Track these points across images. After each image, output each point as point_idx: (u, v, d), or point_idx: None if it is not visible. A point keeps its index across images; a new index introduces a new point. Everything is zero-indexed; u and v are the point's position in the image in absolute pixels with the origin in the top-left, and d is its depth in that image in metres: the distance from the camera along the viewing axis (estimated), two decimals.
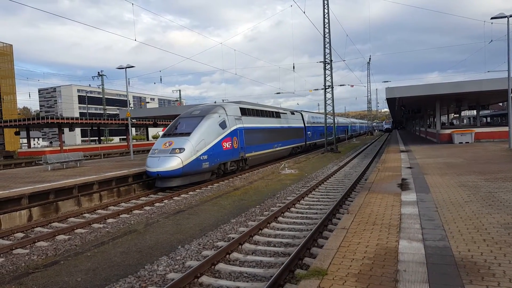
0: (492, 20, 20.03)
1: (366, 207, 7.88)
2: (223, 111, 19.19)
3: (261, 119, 24.17)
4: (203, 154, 16.42)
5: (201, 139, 16.54)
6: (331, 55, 33.94)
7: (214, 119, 18.07)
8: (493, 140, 26.33)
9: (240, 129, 20.11)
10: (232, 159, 19.17)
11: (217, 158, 17.53)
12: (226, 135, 18.42)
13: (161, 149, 16.04)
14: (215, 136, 17.51)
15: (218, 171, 18.26)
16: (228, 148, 18.50)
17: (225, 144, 18.16)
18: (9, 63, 60.96)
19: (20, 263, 7.74)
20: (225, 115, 19.10)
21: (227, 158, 18.62)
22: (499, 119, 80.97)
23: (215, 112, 18.64)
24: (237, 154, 19.62)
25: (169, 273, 6.67)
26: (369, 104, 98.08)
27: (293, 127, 30.92)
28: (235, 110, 20.71)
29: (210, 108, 19.31)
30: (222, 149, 17.92)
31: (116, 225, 10.55)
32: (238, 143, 19.59)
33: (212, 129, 17.56)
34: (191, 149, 15.81)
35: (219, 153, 17.65)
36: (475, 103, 36.37)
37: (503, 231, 5.69)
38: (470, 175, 11.39)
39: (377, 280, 4.23)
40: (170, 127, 18.10)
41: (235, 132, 19.37)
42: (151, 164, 15.40)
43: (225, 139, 18.22)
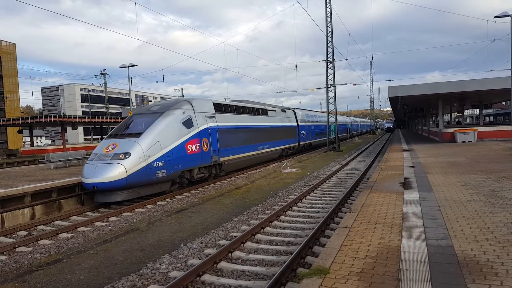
0: (495, 19, 19.94)
1: (368, 206, 7.87)
2: (189, 107, 15.90)
3: (242, 116, 21.10)
4: (158, 159, 13.21)
5: (156, 141, 13.31)
6: (334, 54, 33.91)
7: (176, 117, 14.81)
8: (496, 139, 26.22)
9: (212, 128, 17.01)
10: (201, 164, 16.05)
11: (178, 164, 14.33)
12: (192, 136, 15.26)
13: (101, 154, 12.87)
14: (176, 137, 14.33)
15: (181, 180, 15.13)
16: (195, 152, 15.32)
17: (190, 147, 15.01)
18: (12, 61, 61.16)
19: (23, 261, 7.78)
20: (192, 112, 15.86)
21: (194, 163, 15.41)
22: (502, 118, 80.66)
23: (178, 108, 15.36)
24: (207, 158, 16.44)
25: (172, 271, 6.69)
26: (372, 103, 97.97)
27: (284, 126, 27.96)
28: (206, 106, 17.50)
29: (172, 103, 16.03)
30: (186, 153, 14.74)
31: (118, 224, 10.58)
32: (209, 146, 16.48)
33: (172, 128, 14.34)
34: (140, 154, 12.61)
35: (181, 158, 14.44)
36: (478, 102, 36.25)
37: (506, 230, 5.67)
38: (473, 174, 11.35)
39: (380, 279, 4.22)
40: (120, 126, 14.80)
41: (205, 132, 16.26)
42: (86, 173, 12.27)
43: (190, 140, 15.05)
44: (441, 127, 29.05)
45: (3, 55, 59.80)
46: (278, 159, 26.90)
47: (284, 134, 27.80)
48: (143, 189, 13.16)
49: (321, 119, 40.05)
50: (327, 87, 35.08)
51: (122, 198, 12.56)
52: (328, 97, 35.39)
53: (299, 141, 31.59)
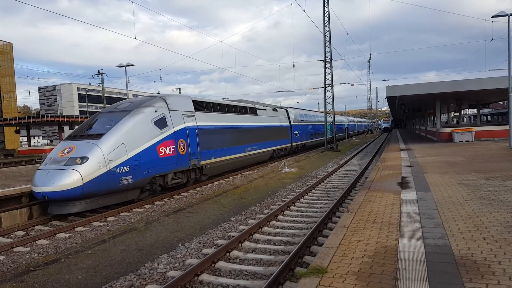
0: (493, 19, 20.01)
1: (366, 206, 7.89)
2: (162, 105, 14.23)
3: (227, 116, 19.42)
4: (122, 164, 11.62)
5: (120, 143, 11.70)
6: (331, 53, 33.96)
7: (146, 115, 13.13)
8: (494, 138, 26.32)
9: (191, 128, 15.34)
10: (177, 169, 14.43)
11: (148, 169, 12.67)
12: (166, 137, 13.58)
13: (55, 159, 11.26)
14: (145, 138, 12.67)
15: (152, 187, 13.50)
16: (169, 155, 13.67)
17: (163, 150, 13.36)
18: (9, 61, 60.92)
19: (21, 261, 7.76)
20: (166, 110, 14.16)
21: (168, 168, 13.78)
22: (500, 117, 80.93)
23: (149, 105, 13.66)
24: (185, 162, 14.79)
25: (170, 271, 6.69)
26: (369, 103, 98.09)
27: (275, 126, 26.32)
28: (183, 103, 15.75)
29: (143, 100, 14.29)
30: (158, 157, 13.10)
31: (116, 223, 10.57)
32: (187, 148, 14.81)
33: (140, 128, 12.67)
34: (99, 158, 11.04)
35: (151, 162, 12.77)
36: (475, 102, 36.36)
37: (503, 230, 5.70)
38: (470, 173, 11.39)
39: (377, 278, 4.24)
40: (82, 126, 13.29)
41: (182, 133, 14.60)
42: (37, 180, 10.77)
43: (163, 142, 13.39)
44: (439, 126, 29.13)
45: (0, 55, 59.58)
46: (269, 161, 25.53)
47: (275, 135, 26.23)
48: (104, 198, 11.60)
49: (316, 119, 39.13)
50: (325, 86, 35.12)
51: (79, 209, 10.99)
52: (326, 97, 35.44)
53: (292, 142, 30.00)
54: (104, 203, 11.73)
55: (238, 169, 20.98)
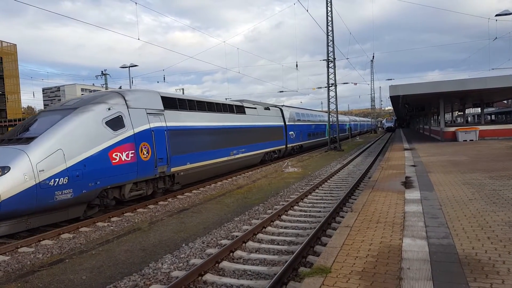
0: (497, 18, 19.92)
1: (369, 205, 7.88)
2: (119, 101, 11.98)
3: (207, 115, 17.09)
4: (58, 175, 9.50)
5: (56, 148, 9.64)
6: (334, 53, 33.93)
7: (95, 114, 11.00)
8: (498, 138, 26.18)
9: (159, 130, 13.16)
10: (138, 178, 12.16)
11: (96, 179, 10.53)
12: (123, 141, 11.44)
13: None
14: (92, 142, 10.57)
15: (103, 202, 11.27)
16: (127, 162, 11.52)
17: (118, 156, 11.22)
18: (13, 62, 61.24)
19: (26, 261, 7.80)
20: (124, 108, 11.96)
21: (124, 178, 11.56)
22: (504, 116, 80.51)
23: (101, 102, 11.53)
24: (149, 169, 12.58)
25: (174, 271, 6.70)
26: (373, 102, 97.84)
27: (266, 126, 24.10)
28: (148, 100, 13.39)
29: (95, 96, 12.20)
30: (111, 164, 10.97)
31: (120, 224, 10.60)
32: (152, 153, 12.62)
33: (86, 130, 10.56)
34: (25, 168, 8.97)
35: (101, 171, 10.67)
36: (479, 101, 36.19)
37: (507, 229, 5.67)
38: (475, 173, 11.34)
39: (381, 277, 4.23)
40: (16, 128, 11.37)
41: (145, 135, 12.43)
42: None
43: (118, 147, 11.26)
44: (443, 125, 29.02)
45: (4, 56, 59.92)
46: (260, 165, 23.41)
47: (267, 136, 24.01)
48: (35, 218, 9.51)
49: (315, 118, 37.63)
50: (328, 86, 35.08)
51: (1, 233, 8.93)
52: (329, 96, 35.39)
53: (287, 143, 27.89)
54: (36, 224, 9.59)
55: (223, 175, 18.80)
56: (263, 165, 23.53)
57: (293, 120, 29.89)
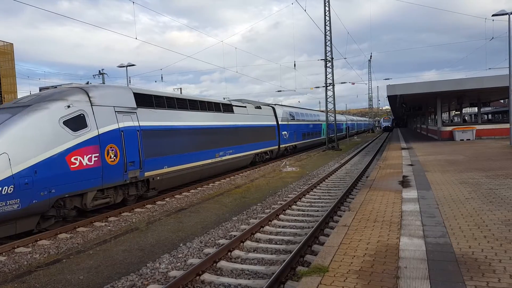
0: (493, 18, 19.99)
1: (367, 205, 7.90)
2: (81, 98, 10.72)
3: (188, 114, 15.69)
4: (1, 183, 8.36)
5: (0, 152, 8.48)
6: (332, 53, 33.97)
7: (50, 113, 9.72)
8: (494, 137, 26.29)
9: (130, 130, 11.88)
10: (104, 184, 10.90)
11: (51, 187, 9.30)
12: (84, 143, 10.22)
13: None
14: (46, 145, 9.32)
15: (61, 212, 9.99)
16: (89, 166, 10.29)
17: (78, 159, 9.98)
18: (10, 62, 60.96)
19: (23, 261, 7.78)
20: (87, 106, 10.72)
21: (86, 184, 10.29)
22: (501, 116, 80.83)
23: (59, 99, 10.20)
24: (117, 174, 11.31)
25: (171, 270, 6.70)
26: (370, 102, 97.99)
27: (257, 126, 22.85)
28: (117, 97, 12.01)
29: (53, 92, 10.75)
30: (69, 169, 9.72)
31: (117, 224, 10.58)
32: (121, 155, 11.37)
33: (38, 131, 9.32)
34: None
35: (56, 177, 9.42)
36: (476, 100, 36.32)
37: (504, 228, 5.70)
38: (471, 172, 11.39)
39: (378, 276, 4.24)
40: None
41: (113, 136, 11.19)
42: None
43: (79, 149, 10.03)
44: (440, 125, 29.11)
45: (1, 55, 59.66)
46: (250, 167, 22.23)
47: (258, 136, 22.81)
48: None
49: (310, 118, 36.71)
50: (325, 85, 35.12)
51: None
52: (327, 96, 35.43)
53: (280, 144, 26.72)
54: None
55: (207, 178, 17.49)
56: (261, 164, 23.50)
57: (287, 120, 28.88)
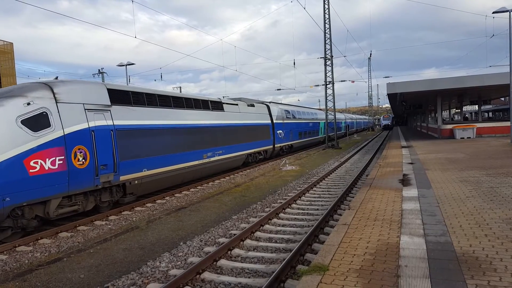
0: (494, 15, 19.94)
1: (367, 203, 7.90)
2: (44, 94, 9.69)
3: (171, 111, 14.57)
4: None
5: None
6: (332, 51, 33.91)
7: (5, 111, 8.81)
8: (495, 135, 26.28)
9: (102, 129, 10.89)
10: (71, 191, 9.84)
11: (4, 195, 8.38)
12: (47, 144, 9.21)
13: None
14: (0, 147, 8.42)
15: (17, 223, 9.00)
16: (52, 171, 9.25)
17: (39, 163, 8.95)
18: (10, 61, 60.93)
19: (24, 260, 7.79)
20: (51, 103, 9.70)
21: (49, 191, 9.25)
22: (501, 114, 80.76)
23: (17, 95, 9.29)
24: (87, 179, 10.26)
25: (172, 269, 6.71)
26: (370, 100, 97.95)
27: (250, 125, 21.78)
28: (88, 93, 10.95)
29: (12, 89, 9.83)
30: (27, 174, 8.76)
31: (118, 222, 10.59)
32: (91, 158, 10.37)
33: None
34: None
35: (11, 184, 8.49)
36: (476, 98, 36.29)
37: (504, 226, 5.69)
38: (472, 170, 11.38)
39: (379, 275, 4.24)
40: None
41: (81, 137, 10.16)
42: None
43: (40, 152, 9.02)
44: (440, 123, 29.09)
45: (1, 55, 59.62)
46: (242, 167, 21.19)
47: (251, 135, 21.68)
48: None
49: (308, 116, 35.76)
50: (325, 84, 35.08)
51: None
52: (327, 94, 35.40)
53: (275, 143, 25.67)
54: None
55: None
56: (260, 163, 23.47)
57: (282, 118, 27.72)
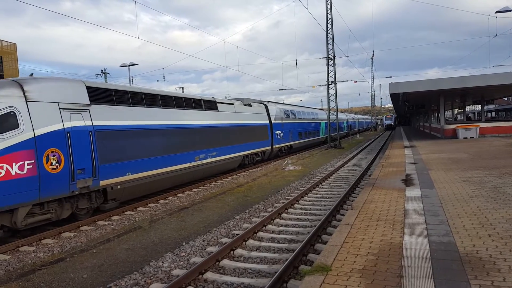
0: (497, 14, 19.88)
1: (370, 203, 7.88)
2: (12, 92, 9.01)
3: (158, 111, 13.64)
4: None
5: None
6: (334, 51, 33.87)
7: None
8: (498, 135, 26.16)
9: (80, 130, 10.07)
10: (42, 198, 9.07)
11: None
12: (13, 147, 8.49)
13: None
14: None
15: None
16: (20, 176, 8.53)
17: (4, 168, 8.27)
18: (13, 61, 61.17)
19: (27, 260, 7.81)
20: (20, 102, 8.98)
21: (15, 199, 8.48)
22: (504, 113, 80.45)
23: None
24: (61, 184, 9.46)
25: (174, 269, 6.71)
26: (373, 100, 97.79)
27: (246, 125, 20.90)
28: (63, 91, 10.12)
29: None
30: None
31: (121, 222, 10.61)
32: (66, 161, 9.55)
33: None
34: None
35: None
36: (479, 98, 36.15)
37: (508, 227, 5.66)
38: (475, 170, 11.33)
39: (382, 275, 4.23)
40: None
41: (55, 138, 9.37)
42: None
43: (5, 155, 8.31)
44: (443, 123, 28.99)
45: (4, 55, 59.81)
46: (238, 169, 20.46)
47: (248, 136, 20.83)
48: None
49: (308, 116, 35.04)
50: (327, 84, 35.04)
51: None
52: (329, 94, 35.36)
53: (273, 144, 24.91)
54: None
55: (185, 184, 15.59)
56: (262, 163, 23.45)
57: (281, 118, 26.95)
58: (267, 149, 24.07)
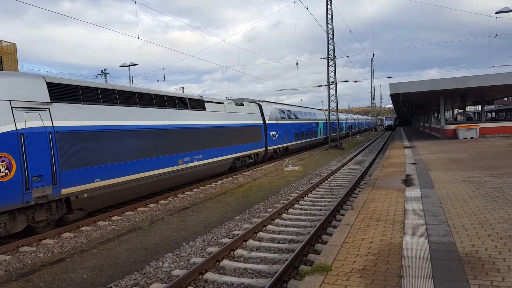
0: (497, 15, 19.90)
1: (370, 203, 7.88)
2: None
3: (135, 110, 12.42)
4: None
5: None
6: (334, 51, 33.88)
7: None
8: (498, 135, 26.16)
9: (35, 132, 8.89)
10: None
11: None
12: None
13: None
14: None
15: None
16: None
17: None
18: (13, 62, 61.19)
19: (27, 260, 7.82)
20: None
21: None
22: (504, 114, 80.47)
23: None
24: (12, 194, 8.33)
25: (174, 269, 6.72)
26: (373, 100, 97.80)
27: (238, 126, 19.77)
28: (17, 88, 8.93)
29: None
30: None
31: (121, 223, 10.62)
32: (18, 168, 8.41)
33: None
34: None
35: None
36: (479, 98, 36.17)
37: (507, 227, 5.67)
38: (475, 170, 11.34)
39: (382, 275, 4.23)
40: None
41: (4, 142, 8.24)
42: None
43: None
44: (443, 123, 28.99)
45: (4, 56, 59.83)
46: (229, 173, 19.28)
47: (239, 137, 19.67)
48: None
49: (305, 116, 34.10)
50: (328, 84, 35.05)
51: None
52: (330, 95, 35.37)
53: (267, 146, 23.82)
54: None
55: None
56: (263, 164, 23.44)
57: (276, 118, 25.82)
58: (260, 151, 22.96)
